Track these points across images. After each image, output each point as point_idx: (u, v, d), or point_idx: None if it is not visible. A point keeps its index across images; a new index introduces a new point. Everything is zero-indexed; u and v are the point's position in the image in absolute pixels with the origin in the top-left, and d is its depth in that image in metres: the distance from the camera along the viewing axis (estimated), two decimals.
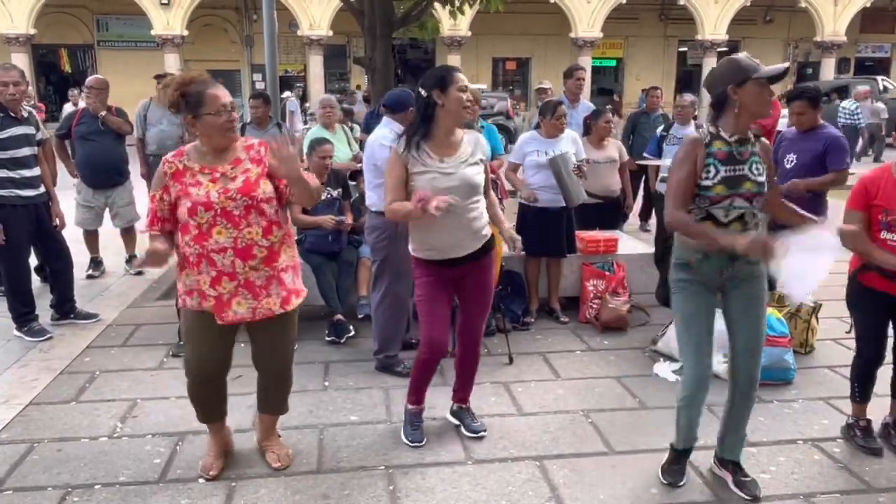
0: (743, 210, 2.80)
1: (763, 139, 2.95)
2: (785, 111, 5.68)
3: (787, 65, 2.88)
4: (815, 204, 4.37)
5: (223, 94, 2.86)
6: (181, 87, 2.85)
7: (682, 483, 3.08)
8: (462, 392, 3.59)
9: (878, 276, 3.19)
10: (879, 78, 21.03)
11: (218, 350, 3.02)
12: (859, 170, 4.39)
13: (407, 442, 3.43)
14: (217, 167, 2.88)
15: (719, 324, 2.99)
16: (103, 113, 6.07)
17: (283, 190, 2.95)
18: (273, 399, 3.27)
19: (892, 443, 3.41)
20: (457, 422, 3.57)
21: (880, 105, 17.05)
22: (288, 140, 2.84)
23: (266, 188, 2.89)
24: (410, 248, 3.32)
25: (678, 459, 3.14)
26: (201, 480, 3.10)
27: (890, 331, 3.37)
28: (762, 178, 2.83)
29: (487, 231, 3.31)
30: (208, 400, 3.14)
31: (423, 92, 3.12)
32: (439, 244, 3.19)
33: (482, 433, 3.48)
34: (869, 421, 3.45)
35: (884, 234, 3.15)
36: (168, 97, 2.89)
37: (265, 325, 2.99)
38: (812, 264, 2.64)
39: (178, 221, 2.88)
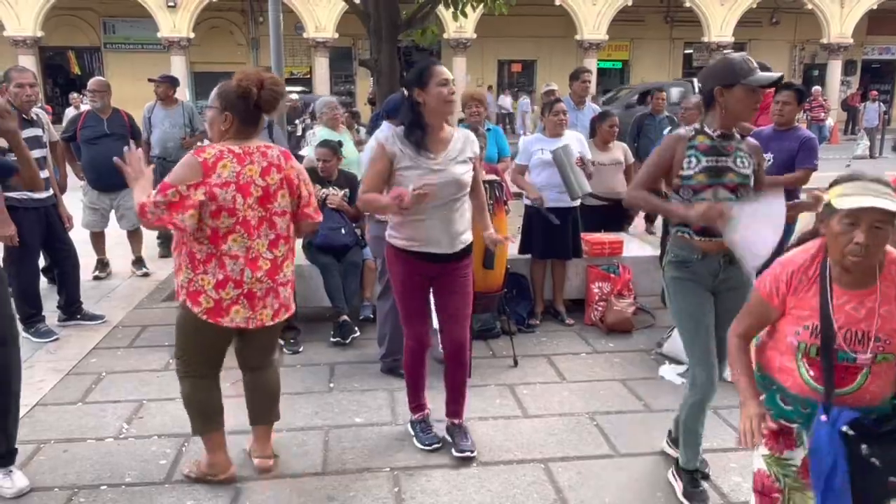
0: (728, 201, 2.77)
1: (750, 139, 2.97)
2: None
3: (780, 74, 2.88)
4: (789, 199, 4.46)
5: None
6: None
7: None
8: (453, 405, 3.46)
9: None
10: (696, 80, 20.31)
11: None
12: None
13: (423, 447, 3.37)
14: None
15: None
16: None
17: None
18: (262, 404, 3.23)
19: None
20: (449, 438, 3.45)
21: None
22: None
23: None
24: (387, 233, 3.28)
25: (695, 481, 2.99)
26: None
27: None
28: (747, 171, 2.83)
29: (468, 236, 3.27)
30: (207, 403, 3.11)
31: (405, 91, 3.13)
32: (418, 235, 3.14)
33: (467, 453, 3.30)
34: None
35: None
36: None
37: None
38: (763, 233, 2.63)
39: None
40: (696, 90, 16.32)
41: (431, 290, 3.33)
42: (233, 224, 2.81)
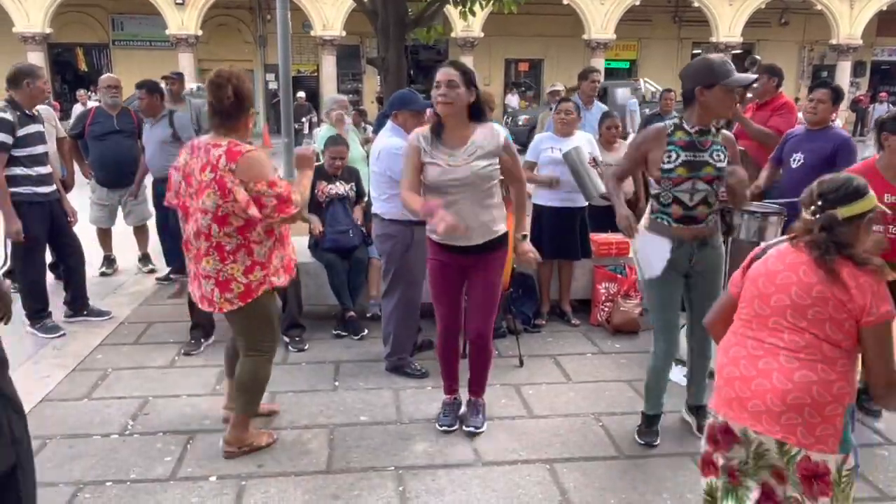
0: (705, 192, 3.11)
1: (725, 132, 3.26)
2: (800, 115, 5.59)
3: (755, 76, 3.36)
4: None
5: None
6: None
7: (656, 443, 3.42)
8: (472, 385, 3.63)
9: None
10: (642, 80, 21.06)
11: None
12: None
13: (438, 426, 3.57)
14: None
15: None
16: None
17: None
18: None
19: (863, 404, 3.62)
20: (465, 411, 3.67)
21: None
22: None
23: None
24: (427, 228, 3.41)
25: (651, 423, 3.50)
26: (212, 479, 3.11)
27: None
28: (722, 164, 3.12)
29: (499, 227, 3.34)
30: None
31: None
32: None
33: (472, 429, 3.52)
34: None
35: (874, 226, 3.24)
36: None
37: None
38: (651, 259, 3.22)
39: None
40: (642, 89, 16.30)
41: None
42: (177, 205, 3.17)
